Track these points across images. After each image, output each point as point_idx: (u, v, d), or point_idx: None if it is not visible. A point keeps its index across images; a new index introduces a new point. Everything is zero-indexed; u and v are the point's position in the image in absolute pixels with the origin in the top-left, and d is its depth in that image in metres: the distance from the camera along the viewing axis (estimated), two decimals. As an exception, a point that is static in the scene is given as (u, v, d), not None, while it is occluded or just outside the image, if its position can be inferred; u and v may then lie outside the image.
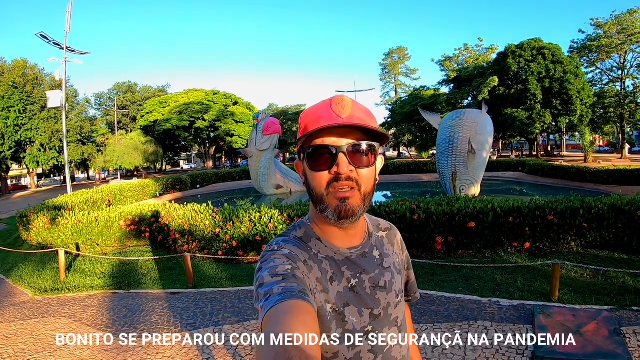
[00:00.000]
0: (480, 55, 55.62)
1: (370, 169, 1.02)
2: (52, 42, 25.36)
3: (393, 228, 1.30)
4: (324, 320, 0.96)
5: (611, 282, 5.53)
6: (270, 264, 0.94)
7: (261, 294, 0.87)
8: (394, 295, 1.12)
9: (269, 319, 0.78)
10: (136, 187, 19.57)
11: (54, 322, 5.51)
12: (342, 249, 1.07)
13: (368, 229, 1.17)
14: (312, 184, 1.01)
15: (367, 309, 1.04)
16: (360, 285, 1.05)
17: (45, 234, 9.93)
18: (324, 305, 0.98)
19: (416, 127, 45.99)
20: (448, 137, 13.24)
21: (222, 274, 7.22)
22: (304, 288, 0.89)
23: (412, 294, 1.39)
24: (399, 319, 1.13)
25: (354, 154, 0.99)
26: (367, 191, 1.01)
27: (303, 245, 1.05)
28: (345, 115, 0.98)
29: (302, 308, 0.81)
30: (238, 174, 28.80)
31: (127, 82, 62.81)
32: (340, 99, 1.01)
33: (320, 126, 0.96)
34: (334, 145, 0.97)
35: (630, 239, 6.81)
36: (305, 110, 1.06)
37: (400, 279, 1.19)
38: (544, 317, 4.34)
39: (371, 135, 1.01)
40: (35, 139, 39.78)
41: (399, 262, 1.22)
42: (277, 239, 1.08)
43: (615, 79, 42.71)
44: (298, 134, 1.05)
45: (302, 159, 1.05)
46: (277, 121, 19.35)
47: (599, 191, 15.31)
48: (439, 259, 6.97)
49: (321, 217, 1.04)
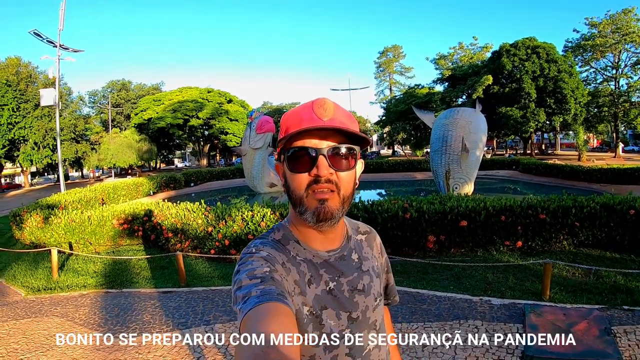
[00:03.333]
0: (474, 54, 55.73)
1: (350, 173, 1.02)
2: (45, 40, 25.23)
3: (372, 232, 1.30)
4: (301, 323, 0.96)
5: (603, 281, 5.56)
6: (248, 267, 0.94)
7: (239, 296, 0.86)
8: (372, 299, 1.11)
9: (247, 321, 0.77)
10: (130, 185, 19.48)
11: (47, 322, 5.48)
12: (321, 251, 1.07)
13: (347, 232, 1.17)
14: (292, 186, 1.01)
15: (345, 312, 1.04)
16: (339, 288, 1.05)
17: (38, 233, 9.88)
18: (301, 308, 0.97)
19: (410, 126, 46.00)
20: (442, 135, 13.28)
21: (214, 272, 7.21)
22: (282, 290, 0.88)
23: (391, 297, 1.37)
24: (377, 322, 1.13)
25: (334, 157, 0.98)
26: (347, 194, 1.01)
27: (281, 248, 1.05)
28: (326, 117, 0.98)
29: (281, 310, 0.80)
30: (232, 172, 28.70)
31: (121, 80, 62.47)
32: (323, 102, 1.01)
33: (301, 128, 0.95)
34: (314, 147, 0.97)
35: (622, 237, 6.84)
36: (287, 112, 1.06)
37: (379, 282, 1.18)
38: (535, 316, 4.36)
39: (352, 139, 1.01)
40: (29, 137, 39.51)
41: (377, 266, 1.22)
42: (255, 241, 1.07)
43: (610, 78, 42.88)
44: (279, 136, 1.05)
45: (282, 161, 1.05)
46: (270, 119, 19.31)
47: (592, 190, 15.37)
48: (431, 257, 6.98)
49: (300, 219, 1.03)
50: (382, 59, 69.20)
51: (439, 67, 56.43)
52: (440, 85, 49.99)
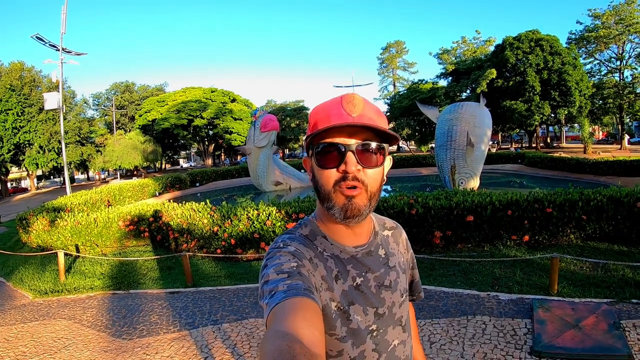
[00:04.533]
0: (478, 47, 55.40)
1: (378, 169, 1.03)
2: (48, 44, 25.32)
3: (398, 227, 1.30)
4: (328, 319, 0.97)
5: (610, 274, 5.51)
6: (275, 261, 0.95)
7: (266, 291, 0.87)
8: (398, 295, 1.13)
9: (274, 316, 0.79)
10: (135, 186, 19.52)
11: (54, 324, 5.51)
12: (348, 247, 1.08)
13: (374, 228, 1.17)
14: (320, 182, 1.02)
15: (372, 308, 1.05)
16: (366, 284, 1.06)
17: (44, 236, 9.93)
18: (328, 304, 0.98)
19: (415, 121, 45.86)
20: (446, 130, 13.20)
21: (221, 272, 7.22)
22: (309, 286, 0.89)
23: (416, 293, 1.40)
24: (403, 318, 1.14)
25: (363, 154, 0.99)
26: (374, 191, 1.02)
27: (309, 243, 1.06)
28: (355, 114, 0.98)
29: (307, 305, 0.81)
30: (237, 171, 28.67)
31: (124, 82, 62.47)
32: (352, 98, 1.00)
33: (330, 124, 0.96)
34: (342, 143, 0.98)
35: (630, 230, 6.78)
36: (315, 107, 1.06)
37: (405, 278, 1.20)
38: (543, 311, 4.33)
39: (381, 136, 1.01)
40: (34, 141, 39.64)
41: (403, 262, 1.23)
42: (282, 236, 1.08)
43: (614, 70, 42.49)
44: (307, 131, 1.05)
45: (310, 156, 1.05)
46: (274, 118, 19.31)
47: (599, 182, 15.28)
48: (438, 253, 6.96)
49: (328, 214, 1.04)
50: (385, 55, 69.06)
51: (442, 62, 56.21)
52: (444, 80, 49.67)
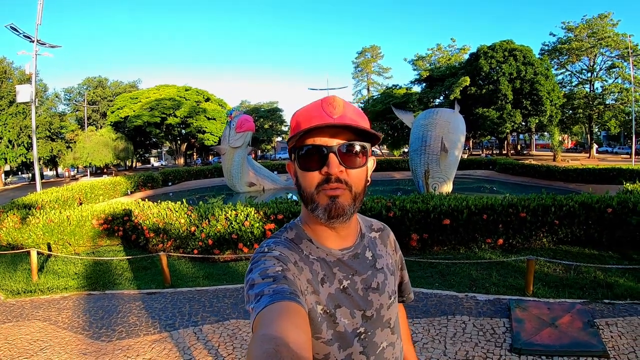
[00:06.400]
0: (452, 55, 56.36)
1: (361, 170, 1.02)
2: (22, 35, 24.50)
3: (386, 228, 1.31)
4: (314, 322, 0.96)
5: (583, 276, 5.74)
6: (260, 266, 0.94)
7: (252, 295, 0.87)
8: (386, 297, 1.12)
9: (260, 320, 0.78)
10: (107, 184, 19.10)
11: (29, 326, 5.32)
12: (334, 250, 1.07)
13: (360, 230, 1.17)
14: (303, 184, 1.01)
15: (359, 311, 1.04)
16: (352, 287, 1.05)
17: (15, 233, 9.60)
18: (314, 307, 0.98)
19: (388, 125, 46.41)
20: (421, 135, 13.42)
21: (199, 273, 7.14)
22: (294, 289, 0.89)
23: (406, 294, 1.38)
24: (391, 320, 1.13)
25: (345, 154, 0.98)
26: (358, 191, 1.01)
27: (294, 247, 1.05)
28: (336, 115, 0.98)
29: (293, 309, 0.81)
30: (210, 172, 28.46)
31: (97, 77, 60.94)
32: (332, 99, 1.00)
33: (311, 125, 0.95)
34: (324, 145, 0.97)
35: (600, 235, 7.07)
36: (296, 111, 1.06)
37: (393, 280, 1.19)
38: (520, 311, 4.46)
39: (363, 136, 1.01)
40: (3, 134, 38.36)
41: (392, 263, 1.22)
42: (267, 240, 1.08)
43: (585, 81, 44.02)
44: (289, 134, 1.04)
45: (293, 160, 1.04)
46: (250, 118, 19.23)
47: (569, 189, 15.68)
48: (415, 255, 7.06)
49: (312, 217, 1.03)
50: (361, 59, 69.45)
51: (416, 68, 56.88)
52: (418, 85, 50.32)
